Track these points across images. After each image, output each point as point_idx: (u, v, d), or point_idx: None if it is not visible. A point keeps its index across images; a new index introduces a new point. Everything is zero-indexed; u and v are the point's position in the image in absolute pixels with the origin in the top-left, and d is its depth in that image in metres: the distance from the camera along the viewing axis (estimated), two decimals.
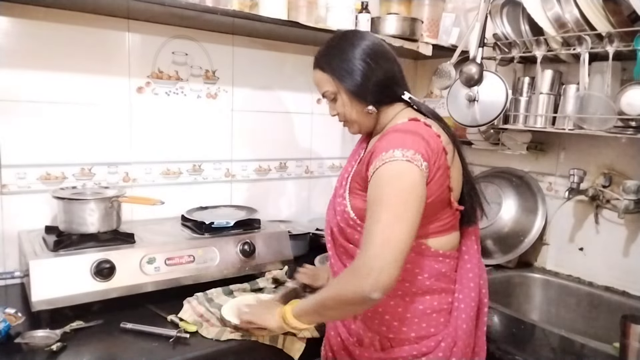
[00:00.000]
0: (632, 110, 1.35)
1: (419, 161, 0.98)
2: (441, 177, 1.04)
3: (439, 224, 1.09)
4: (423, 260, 1.08)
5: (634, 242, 1.61)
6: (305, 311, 1.07)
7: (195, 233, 1.50)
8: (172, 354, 1.10)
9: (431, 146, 1.02)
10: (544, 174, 1.86)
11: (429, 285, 1.08)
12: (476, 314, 1.14)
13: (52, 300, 1.19)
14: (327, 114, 1.24)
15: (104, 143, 1.59)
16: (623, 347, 1.17)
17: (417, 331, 1.08)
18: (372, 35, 1.19)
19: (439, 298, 1.10)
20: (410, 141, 1.00)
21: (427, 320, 1.08)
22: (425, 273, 1.08)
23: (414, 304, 1.08)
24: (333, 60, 1.14)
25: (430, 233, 1.08)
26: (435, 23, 1.92)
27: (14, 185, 1.46)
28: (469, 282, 1.13)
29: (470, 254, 1.16)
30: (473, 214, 1.16)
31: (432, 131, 1.06)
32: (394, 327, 1.08)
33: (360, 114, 1.15)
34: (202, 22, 1.62)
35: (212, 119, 1.80)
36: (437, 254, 1.09)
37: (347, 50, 1.12)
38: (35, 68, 1.45)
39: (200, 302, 1.34)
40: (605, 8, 1.43)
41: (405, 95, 1.15)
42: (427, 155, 1.00)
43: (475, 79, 1.63)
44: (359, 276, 0.93)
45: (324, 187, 2.13)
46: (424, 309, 1.08)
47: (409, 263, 1.06)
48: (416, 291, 1.08)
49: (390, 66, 1.13)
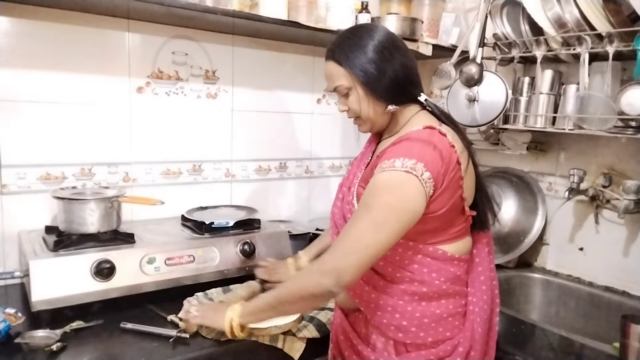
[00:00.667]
0: (632, 110, 1.35)
1: (420, 171, 0.96)
2: (453, 187, 1.02)
3: (453, 231, 1.08)
4: (440, 265, 1.07)
5: (634, 242, 1.61)
6: (258, 308, 1.09)
7: (195, 233, 1.50)
8: (172, 354, 1.10)
9: (443, 156, 0.99)
10: (544, 174, 1.86)
11: (444, 289, 1.08)
12: (489, 317, 1.14)
13: (52, 300, 1.19)
14: (327, 114, 1.24)
15: (104, 143, 1.59)
16: (623, 347, 1.17)
17: (434, 335, 1.06)
18: (388, 29, 1.14)
19: (454, 302, 1.09)
20: (417, 150, 0.98)
21: (444, 324, 1.07)
22: (442, 277, 1.07)
23: (431, 308, 1.07)
24: (350, 52, 1.07)
25: (445, 240, 1.08)
26: (435, 23, 1.92)
27: (14, 185, 1.46)
28: (480, 285, 1.13)
29: (481, 257, 1.16)
30: (485, 220, 1.15)
31: (447, 140, 1.02)
32: (411, 333, 1.06)
33: (376, 112, 1.11)
34: (202, 22, 1.62)
35: (212, 119, 1.80)
36: (452, 258, 1.09)
37: (365, 44, 1.06)
38: (35, 68, 1.45)
39: (201, 302, 1.34)
40: (605, 8, 1.43)
41: (422, 97, 1.12)
42: (433, 165, 0.97)
43: (475, 79, 1.63)
44: (322, 272, 0.98)
45: (324, 187, 2.13)
46: (441, 313, 1.07)
47: (425, 267, 1.06)
48: (432, 295, 1.07)
49: (408, 62, 1.09)
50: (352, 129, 2.14)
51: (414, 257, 1.06)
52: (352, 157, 2.14)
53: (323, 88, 2.05)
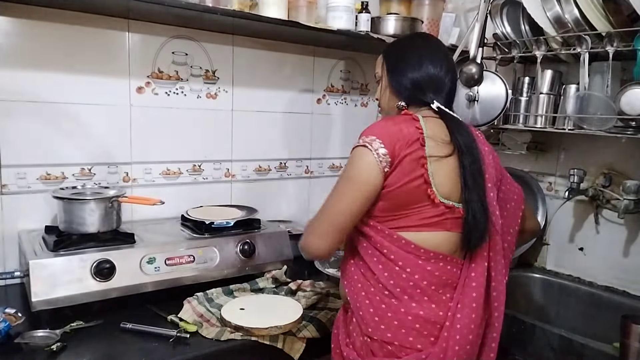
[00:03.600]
0: (632, 110, 1.35)
1: (376, 145, 1.03)
2: (411, 165, 1.04)
3: (417, 217, 1.06)
4: (408, 257, 1.05)
5: (634, 242, 1.61)
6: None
7: (195, 233, 1.50)
8: (172, 354, 1.11)
9: (403, 133, 1.05)
10: (544, 174, 1.86)
11: (411, 286, 1.05)
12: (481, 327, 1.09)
13: (52, 300, 1.19)
14: (327, 114, 1.26)
15: (104, 143, 1.59)
16: (623, 347, 1.17)
17: (401, 340, 1.04)
18: (437, 40, 1.26)
19: (427, 309, 1.05)
20: (379, 128, 1.07)
21: (413, 333, 1.04)
22: (407, 268, 1.05)
23: (402, 309, 1.04)
24: (392, 47, 1.23)
25: (406, 226, 1.06)
26: (435, 23, 1.92)
27: (14, 185, 1.46)
28: (471, 292, 1.07)
29: (477, 262, 1.10)
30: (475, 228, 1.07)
31: (416, 124, 1.08)
32: (372, 322, 1.06)
33: (389, 105, 1.20)
34: (202, 22, 1.62)
35: (212, 119, 1.80)
36: (418, 250, 1.05)
37: (406, 44, 1.22)
38: (35, 68, 1.45)
39: (201, 302, 1.34)
40: (605, 8, 1.43)
41: (435, 104, 1.13)
42: (389, 140, 1.04)
43: (475, 79, 1.64)
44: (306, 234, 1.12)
45: (324, 187, 2.13)
46: (412, 320, 1.04)
47: (394, 255, 1.06)
48: (401, 291, 1.05)
49: (435, 72, 1.14)
50: (352, 129, 2.14)
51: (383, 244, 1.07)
52: None
53: (323, 88, 2.06)
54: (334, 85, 2.09)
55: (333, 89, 2.09)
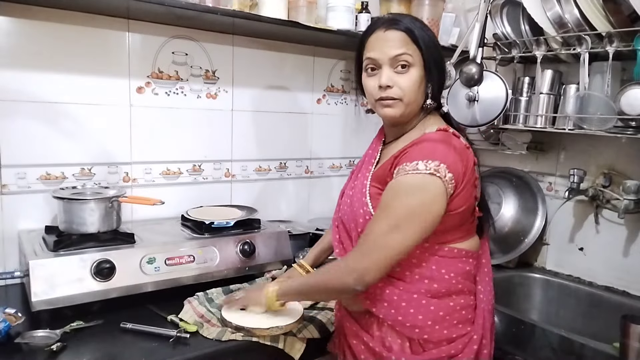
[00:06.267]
0: (632, 110, 1.35)
1: (443, 172, 0.98)
2: (471, 187, 1.05)
3: (465, 228, 1.10)
4: (449, 261, 1.08)
5: (634, 242, 1.61)
6: (292, 289, 1.17)
7: (195, 233, 1.50)
8: (172, 354, 1.10)
9: (461, 157, 1.02)
10: (544, 174, 1.86)
11: (454, 284, 1.09)
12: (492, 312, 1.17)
13: (52, 300, 1.19)
14: (327, 114, 1.24)
15: (104, 143, 1.59)
16: (623, 347, 1.17)
17: (449, 328, 1.07)
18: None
19: (465, 297, 1.10)
20: (439, 151, 1.01)
21: (458, 317, 1.08)
22: (452, 273, 1.08)
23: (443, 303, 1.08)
24: (424, 34, 1.07)
25: (457, 238, 1.09)
26: (435, 23, 1.92)
27: (14, 185, 1.46)
28: (489, 282, 1.16)
29: (487, 256, 1.19)
30: (486, 224, 1.19)
31: (462, 142, 1.07)
32: (427, 327, 1.06)
33: (417, 101, 1.10)
34: (202, 22, 1.62)
35: (212, 119, 1.80)
36: (460, 254, 1.10)
37: (433, 37, 1.11)
38: (35, 68, 1.45)
39: (201, 302, 1.34)
40: (605, 8, 1.43)
41: (445, 107, 1.16)
42: (454, 166, 1.00)
43: (475, 79, 1.63)
44: (345, 271, 1.04)
45: (324, 187, 2.13)
46: (454, 306, 1.08)
47: (434, 265, 1.07)
48: (444, 292, 1.08)
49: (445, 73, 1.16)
50: (352, 129, 2.14)
51: (428, 257, 1.07)
52: (352, 157, 2.15)
53: (323, 88, 2.06)
54: (334, 85, 2.09)
55: (333, 89, 2.09)
